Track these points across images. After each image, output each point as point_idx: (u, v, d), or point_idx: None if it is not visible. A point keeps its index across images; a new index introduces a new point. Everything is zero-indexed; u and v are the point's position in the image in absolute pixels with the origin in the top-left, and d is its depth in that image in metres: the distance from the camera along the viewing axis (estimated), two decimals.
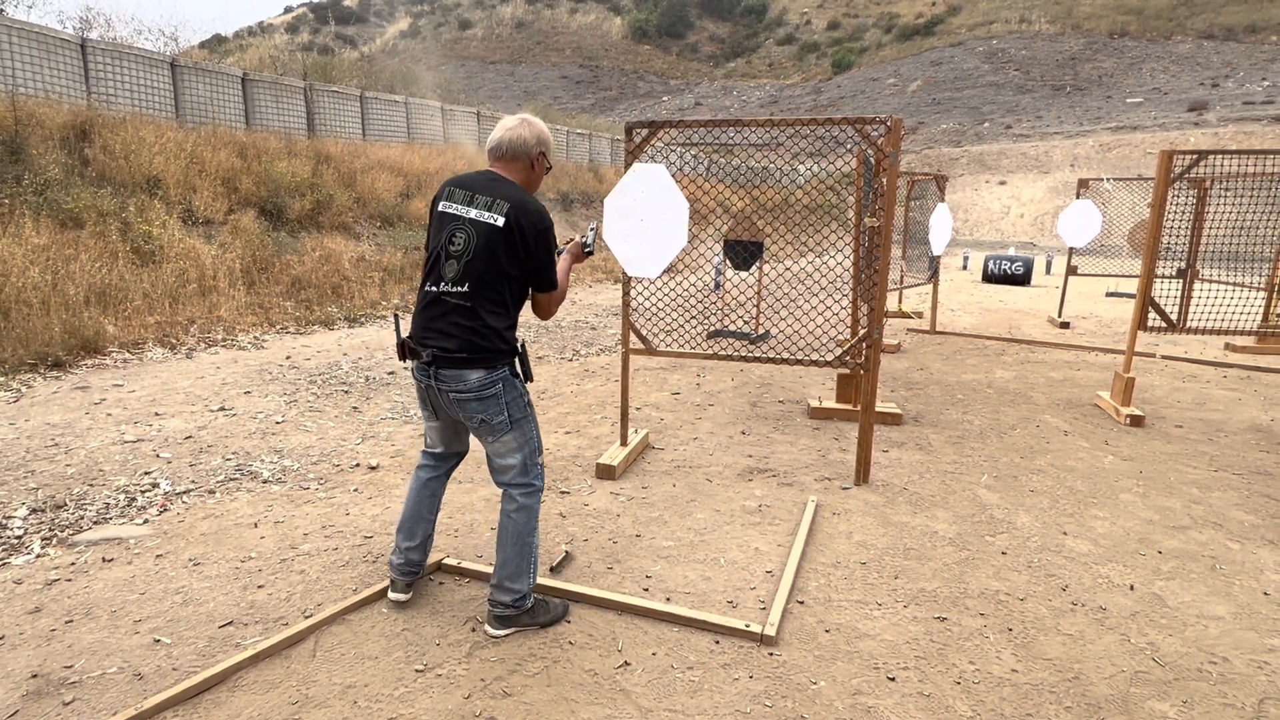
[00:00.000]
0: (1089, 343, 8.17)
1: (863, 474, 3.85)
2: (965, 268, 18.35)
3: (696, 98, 56.48)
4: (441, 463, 2.65)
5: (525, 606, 2.47)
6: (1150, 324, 5.14)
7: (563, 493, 3.70)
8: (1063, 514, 3.57)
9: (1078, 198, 8.71)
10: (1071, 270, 9.35)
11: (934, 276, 8.57)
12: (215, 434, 4.46)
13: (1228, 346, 7.82)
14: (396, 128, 14.71)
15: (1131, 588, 2.88)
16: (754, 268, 7.52)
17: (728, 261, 7.68)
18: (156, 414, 4.81)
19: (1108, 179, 9.14)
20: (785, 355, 5.72)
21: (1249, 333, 5.76)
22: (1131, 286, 12.98)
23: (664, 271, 3.74)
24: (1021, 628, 2.59)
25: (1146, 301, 5.05)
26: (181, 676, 2.21)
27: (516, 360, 2.36)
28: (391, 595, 2.64)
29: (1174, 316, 5.70)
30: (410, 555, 2.63)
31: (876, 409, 5.04)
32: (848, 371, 5.06)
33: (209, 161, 9.38)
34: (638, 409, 5.24)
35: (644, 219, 3.70)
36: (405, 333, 2.37)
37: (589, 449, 4.34)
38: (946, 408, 5.42)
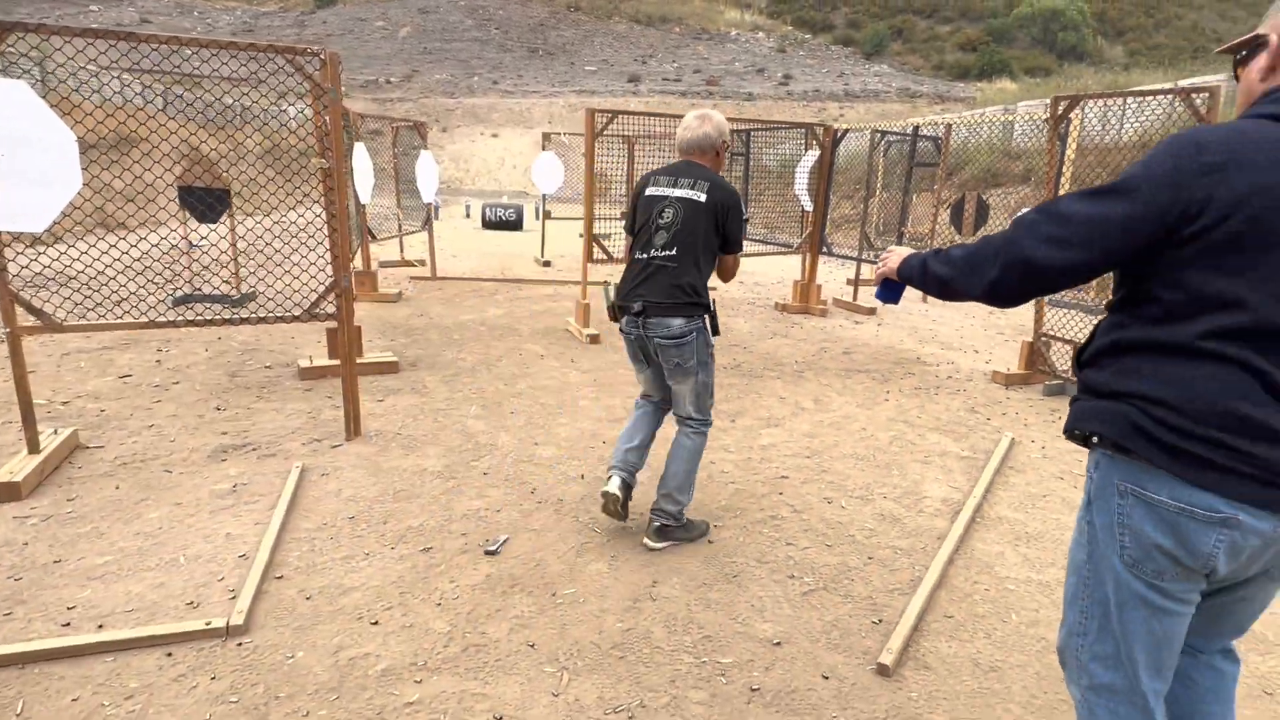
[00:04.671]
0: (564, 277, 9.46)
1: (353, 428, 3.75)
2: (468, 215, 19.34)
3: (142, 13, 45.98)
4: (656, 405, 2.98)
5: (682, 521, 2.87)
6: (596, 257, 6.15)
7: None
8: (536, 428, 4.07)
9: (544, 150, 9.84)
10: (547, 215, 10.61)
11: (428, 223, 8.75)
12: None
13: None
14: None
15: (582, 477, 3.46)
16: (222, 218, 6.54)
17: (187, 212, 6.50)
18: None
19: (564, 133, 10.52)
20: (280, 315, 5.16)
21: None
22: (605, 227, 15.44)
23: (100, 227, 2.92)
24: (495, 535, 2.87)
25: (591, 239, 6.01)
26: None
27: (708, 316, 2.74)
28: (605, 487, 2.82)
29: (624, 250, 6.96)
30: (628, 457, 2.86)
31: (372, 359, 4.96)
32: (334, 326, 4.81)
33: None
34: (64, 403, 4.12)
35: (4, 154, 2.80)
36: (613, 299, 2.79)
37: None
38: (443, 349, 5.65)
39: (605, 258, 6.22)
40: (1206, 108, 4.07)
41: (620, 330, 2.85)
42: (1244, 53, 1.29)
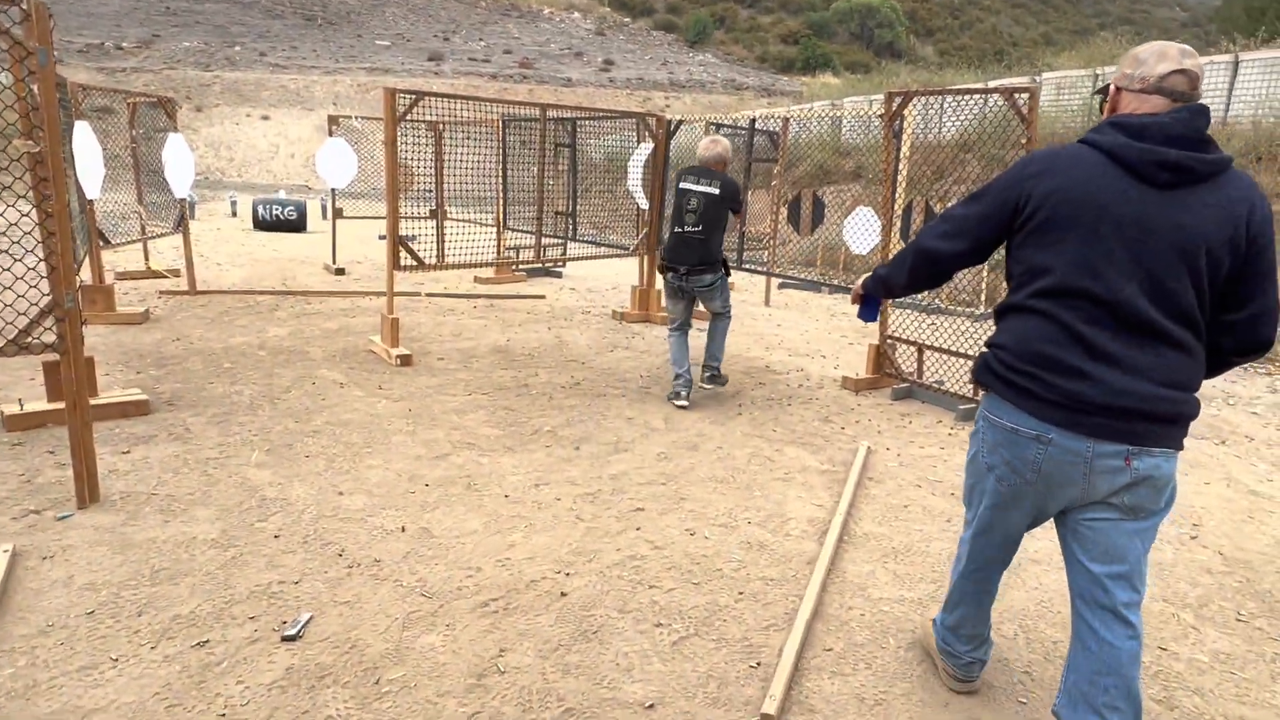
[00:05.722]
0: (363, 288, 8.93)
1: (89, 492, 3.22)
2: (234, 214, 17.75)
3: None
4: (684, 327, 5.16)
5: (720, 372, 5.23)
6: (404, 263, 5.83)
7: None
8: (339, 473, 3.74)
9: (330, 136, 9.23)
10: (338, 213, 9.96)
11: (182, 224, 7.87)
12: None
13: (476, 279, 9.68)
14: None
15: (403, 529, 3.21)
16: None
17: None
18: None
19: (356, 117, 9.95)
20: None
21: (489, 264, 7.17)
22: (412, 228, 14.76)
23: None
24: (293, 615, 2.56)
25: (396, 241, 5.69)
26: None
27: (724, 267, 5.04)
28: (677, 403, 5.00)
29: (435, 255, 6.65)
30: (687, 376, 5.03)
31: (112, 399, 4.33)
32: (55, 359, 4.13)
33: None
34: None
35: None
36: (661, 259, 5.14)
37: None
38: (210, 381, 5.06)
39: (415, 264, 5.91)
40: (1028, 106, 4.64)
41: (667, 280, 5.03)
42: (1104, 95, 1.91)
